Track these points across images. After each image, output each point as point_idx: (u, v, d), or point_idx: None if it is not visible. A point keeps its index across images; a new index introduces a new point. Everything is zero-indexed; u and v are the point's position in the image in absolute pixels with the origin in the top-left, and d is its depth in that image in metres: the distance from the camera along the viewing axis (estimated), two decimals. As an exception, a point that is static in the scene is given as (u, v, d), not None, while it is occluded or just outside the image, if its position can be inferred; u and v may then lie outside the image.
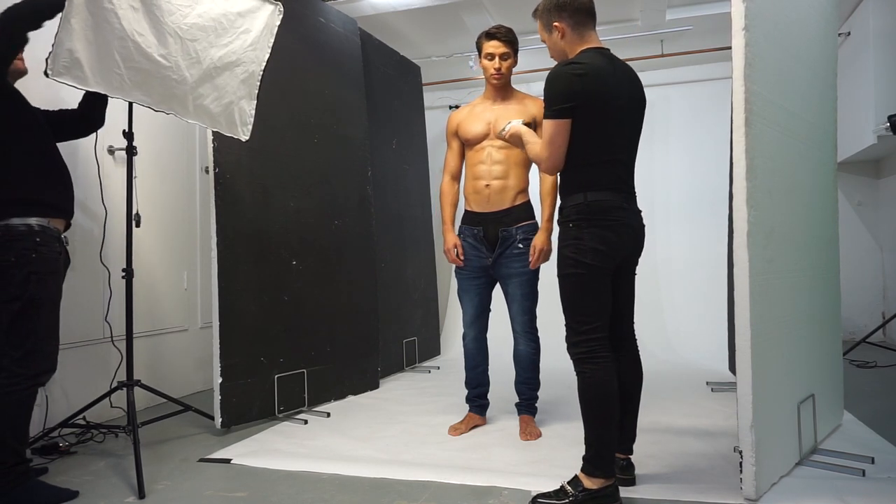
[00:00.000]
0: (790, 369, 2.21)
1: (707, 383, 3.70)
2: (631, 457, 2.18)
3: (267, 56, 2.76)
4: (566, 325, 2.04)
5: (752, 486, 1.93)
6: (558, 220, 2.10)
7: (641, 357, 2.22)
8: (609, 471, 1.96)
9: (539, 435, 2.77)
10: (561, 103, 1.95)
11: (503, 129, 2.33)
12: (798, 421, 2.23)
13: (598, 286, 2.00)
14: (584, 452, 1.98)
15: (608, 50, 2.07)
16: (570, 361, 2.04)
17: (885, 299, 5.22)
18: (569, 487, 1.97)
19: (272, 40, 2.76)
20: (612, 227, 1.99)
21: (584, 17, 2.06)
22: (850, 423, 2.78)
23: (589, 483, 1.95)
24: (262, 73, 2.74)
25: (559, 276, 2.04)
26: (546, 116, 2.00)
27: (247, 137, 2.78)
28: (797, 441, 2.23)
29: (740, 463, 1.95)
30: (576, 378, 2.01)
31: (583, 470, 1.98)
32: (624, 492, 2.05)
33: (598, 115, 1.98)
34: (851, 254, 4.93)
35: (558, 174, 2.12)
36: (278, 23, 2.77)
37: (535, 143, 2.12)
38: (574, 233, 2.00)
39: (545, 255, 2.72)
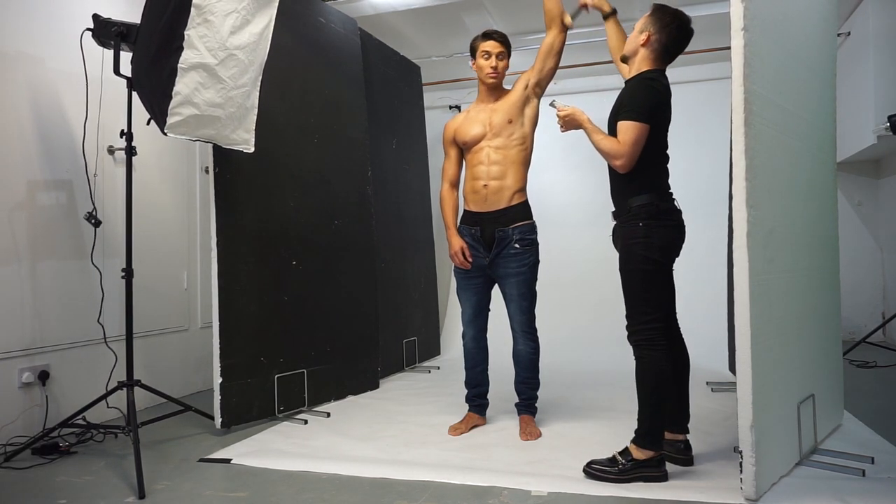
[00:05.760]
0: (790, 369, 2.21)
1: (707, 383, 3.70)
2: (688, 436, 2.38)
3: (267, 50, 2.70)
4: (627, 315, 2.25)
5: (752, 486, 1.93)
6: (624, 218, 2.28)
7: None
8: (657, 445, 2.17)
9: (539, 435, 2.77)
10: (648, 111, 2.17)
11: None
12: (798, 421, 2.23)
13: (663, 280, 2.25)
14: (636, 427, 2.20)
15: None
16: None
17: (885, 299, 5.22)
18: (619, 457, 2.18)
19: (271, 32, 2.68)
20: (676, 228, 2.26)
21: (667, 55, 2.29)
22: (850, 423, 2.78)
23: (638, 454, 2.16)
24: (262, 72, 2.73)
25: (627, 269, 2.25)
26: (631, 118, 2.17)
27: (252, 149, 2.79)
28: (797, 441, 2.23)
29: (740, 463, 1.95)
30: (634, 363, 2.23)
31: (634, 442, 2.19)
32: (624, 491, 2.07)
33: (662, 125, 2.25)
34: (851, 254, 4.92)
35: (619, 175, 2.29)
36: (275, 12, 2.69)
37: (608, 139, 2.26)
38: (644, 231, 2.20)
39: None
